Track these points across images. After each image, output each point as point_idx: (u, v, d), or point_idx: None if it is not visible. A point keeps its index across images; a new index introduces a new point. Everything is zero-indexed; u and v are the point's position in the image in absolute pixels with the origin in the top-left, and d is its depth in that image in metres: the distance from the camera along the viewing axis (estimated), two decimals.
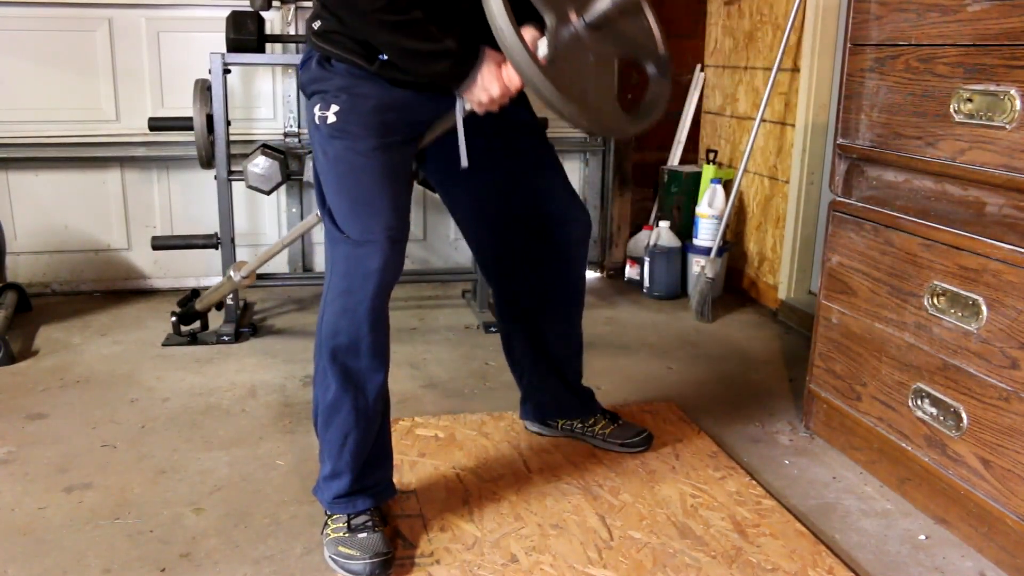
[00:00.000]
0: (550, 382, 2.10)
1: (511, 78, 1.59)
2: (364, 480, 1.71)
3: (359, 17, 1.54)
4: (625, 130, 1.67)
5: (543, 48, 1.54)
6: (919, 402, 1.86)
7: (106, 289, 3.42)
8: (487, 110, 1.64)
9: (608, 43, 1.62)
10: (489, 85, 1.59)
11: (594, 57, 1.59)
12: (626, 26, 1.67)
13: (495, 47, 1.49)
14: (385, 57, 1.62)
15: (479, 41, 1.58)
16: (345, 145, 1.63)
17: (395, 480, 1.92)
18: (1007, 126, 1.61)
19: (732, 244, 3.52)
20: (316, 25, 1.67)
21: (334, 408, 1.67)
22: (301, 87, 1.74)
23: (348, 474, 1.69)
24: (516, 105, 1.81)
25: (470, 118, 1.69)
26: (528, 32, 1.55)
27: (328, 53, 1.65)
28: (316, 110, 1.65)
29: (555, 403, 2.13)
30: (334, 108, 1.63)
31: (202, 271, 3.48)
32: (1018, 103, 1.58)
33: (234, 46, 2.87)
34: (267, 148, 2.94)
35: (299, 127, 3.39)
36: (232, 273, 2.63)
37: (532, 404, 2.15)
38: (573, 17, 1.56)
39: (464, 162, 1.69)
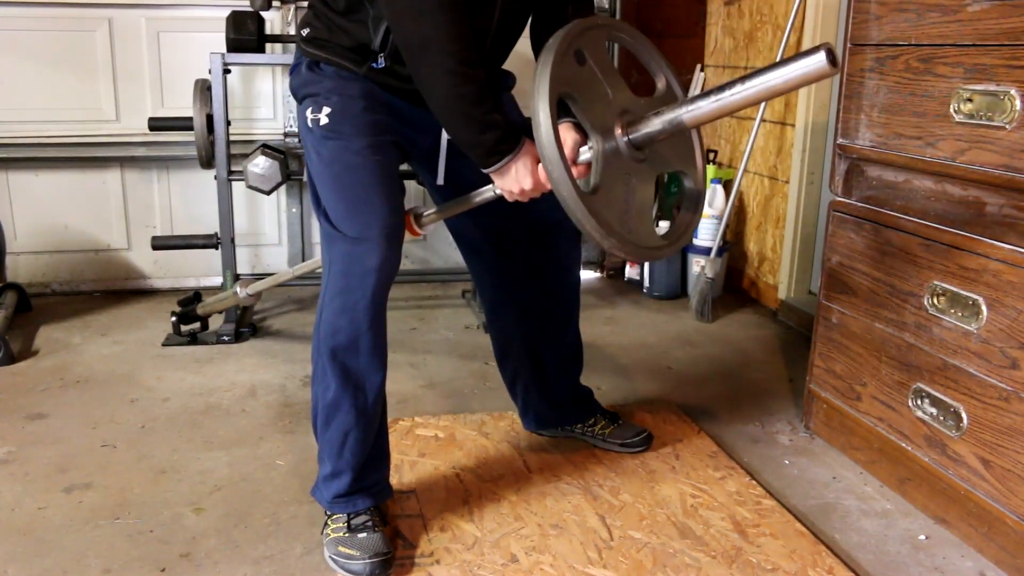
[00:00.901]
0: (548, 396, 2.09)
1: (546, 180, 1.54)
2: (364, 479, 1.71)
3: (424, 60, 1.49)
4: (659, 255, 1.61)
5: (585, 155, 1.51)
6: (919, 402, 1.86)
7: (106, 289, 3.43)
8: (515, 200, 1.62)
9: (650, 162, 1.56)
10: (522, 178, 1.57)
11: (636, 180, 1.54)
12: (668, 145, 1.61)
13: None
14: (379, 64, 1.62)
15: (520, 129, 1.56)
16: (339, 145, 1.63)
17: (395, 480, 1.93)
18: (1007, 126, 1.61)
19: (732, 244, 3.52)
20: (305, 32, 1.70)
21: (334, 407, 1.67)
22: (292, 91, 1.75)
23: (348, 473, 1.69)
24: (508, 107, 1.82)
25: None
26: (569, 134, 1.52)
27: (317, 57, 1.67)
28: (308, 113, 1.66)
29: (555, 415, 2.13)
30: (326, 110, 1.64)
31: (202, 271, 3.48)
32: (1018, 103, 1.58)
33: (234, 46, 2.88)
34: (267, 148, 2.94)
35: (298, 130, 3.38)
36: (238, 289, 2.63)
37: (533, 415, 2.15)
38: (618, 132, 1.51)
39: (440, 180, 1.75)
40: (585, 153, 1.52)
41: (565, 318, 2.04)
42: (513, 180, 1.58)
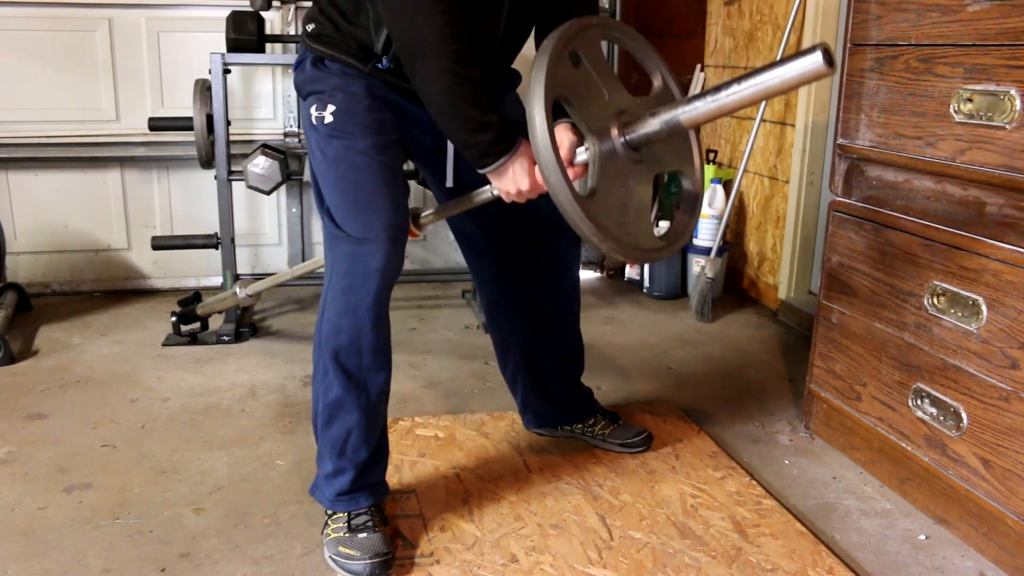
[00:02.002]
0: (548, 395, 2.10)
1: (544, 183, 1.53)
2: (365, 477, 1.71)
3: (420, 60, 1.49)
4: (657, 257, 1.60)
5: (582, 156, 1.51)
6: (919, 402, 1.86)
7: (106, 289, 3.43)
8: (513, 201, 1.62)
9: (647, 163, 1.56)
10: (519, 179, 1.57)
11: (633, 181, 1.54)
12: (666, 146, 1.61)
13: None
14: (383, 64, 1.62)
15: (515, 129, 1.56)
16: (344, 145, 1.63)
17: (395, 480, 1.94)
18: (1007, 126, 1.61)
19: (732, 244, 3.52)
20: (310, 28, 1.69)
21: (336, 406, 1.67)
22: (296, 88, 1.74)
23: (350, 471, 1.69)
24: (510, 106, 1.82)
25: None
26: (566, 135, 1.52)
27: (322, 54, 1.66)
28: (312, 110, 1.66)
29: (554, 414, 2.13)
30: (331, 108, 1.63)
31: (202, 271, 3.48)
32: (1018, 103, 1.58)
33: (234, 46, 2.88)
34: (267, 148, 2.94)
35: (299, 127, 3.39)
36: (237, 290, 2.63)
37: (532, 413, 2.15)
38: (614, 132, 1.51)
39: (450, 182, 1.75)
40: (582, 155, 1.52)
41: (564, 318, 2.04)
42: (510, 181, 1.58)
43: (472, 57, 1.50)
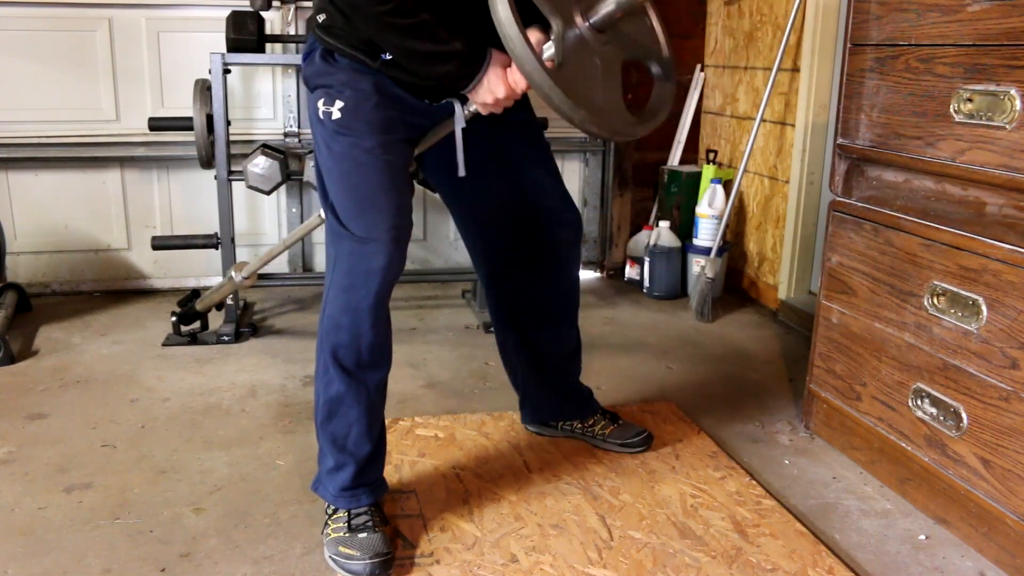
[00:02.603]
0: (547, 386, 2.10)
1: (517, 81, 1.59)
2: (366, 474, 1.72)
3: (364, 19, 1.54)
4: (632, 133, 1.67)
5: (549, 51, 1.53)
6: (919, 402, 1.86)
7: (106, 289, 3.42)
8: (491, 111, 1.65)
9: (613, 45, 1.62)
10: (495, 87, 1.60)
11: (600, 60, 1.59)
12: (630, 28, 1.66)
13: (501, 48, 1.49)
14: (389, 56, 1.62)
15: (485, 43, 1.58)
16: (350, 142, 1.63)
17: (395, 480, 1.94)
18: (1007, 126, 1.61)
19: (732, 244, 3.52)
20: (321, 19, 1.67)
21: (337, 402, 1.68)
22: (304, 80, 1.74)
23: (352, 466, 1.70)
24: (515, 103, 1.82)
25: (468, 120, 1.69)
26: (533, 35, 1.55)
27: (332, 47, 1.66)
28: (320, 104, 1.65)
29: (553, 406, 2.13)
30: (339, 104, 1.63)
31: (202, 271, 3.48)
32: (1018, 103, 1.58)
33: (234, 46, 2.88)
34: (267, 148, 2.94)
35: (299, 127, 3.39)
36: (233, 274, 2.63)
37: (531, 407, 2.15)
38: (578, 20, 1.56)
39: (462, 171, 1.75)
40: (549, 49, 1.54)
41: (564, 315, 2.04)
42: (486, 91, 1.61)
43: (412, 5, 1.52)
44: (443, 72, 1.58)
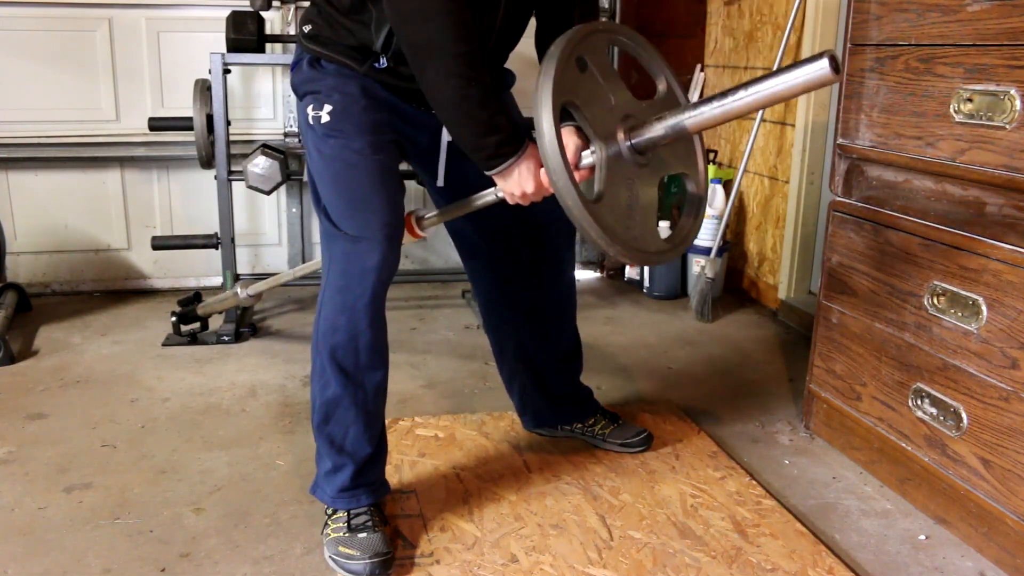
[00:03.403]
0: (547, 393, 2.10)
1: (549, 186, 1.54)
2: (364, 475, 1.72)
3: (436, 58, 1.49)
4: (660, 260, 1.62)
5: (588, 159, 1.51)
6: (919, 402, 1.86)
7: (106, 289, 3.42)
8: (517, 203, 1.63)
9: (652, 167, 1.58)
10: (525, 181, 1.58)
11: (639, 184, 1.55)
12: (670, 149, 1.62)
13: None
14: (381, 64, 1.62)
15: (522, 132, 1.56)
16: (340, 144, 1.63)
17: (395, 480, 1.93)
18: (1007, 126, 1.61)
19: (732, 244, 3.52)
20: (307, 29, 1.70)
21: (334, 404, 1.68)
22: (293, 88, 1.75)
23: (350, 467, 1.70)
24: (507, 107, 1.82)
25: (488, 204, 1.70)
26: (571, 139, 1.53)
27: (318, 54, 1.67)
28: (309, 110, 1.66)
29: (554, 412, 2.13)
30: (327, 108, 1.64)
31: (202, 271, 3.48)
32: (1018, 103, 1.58)
33: (234, 46, 2.88)
34: (267, 148, 2.94)
35: (299, 127, 3.38)
36: (239, 290, 2.63)
37: (531, 414, 2.15)
38: (620, 136, 1.52)
39: (440, 182, 1.76)
40: (588, 158, 1.53)
41: (560, 317, 2.04)
42: (516, 183, 1.58)
43: (481, 59, 1.51)
44: (483, 143, 1.54)
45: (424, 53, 1.50)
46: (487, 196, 1.69)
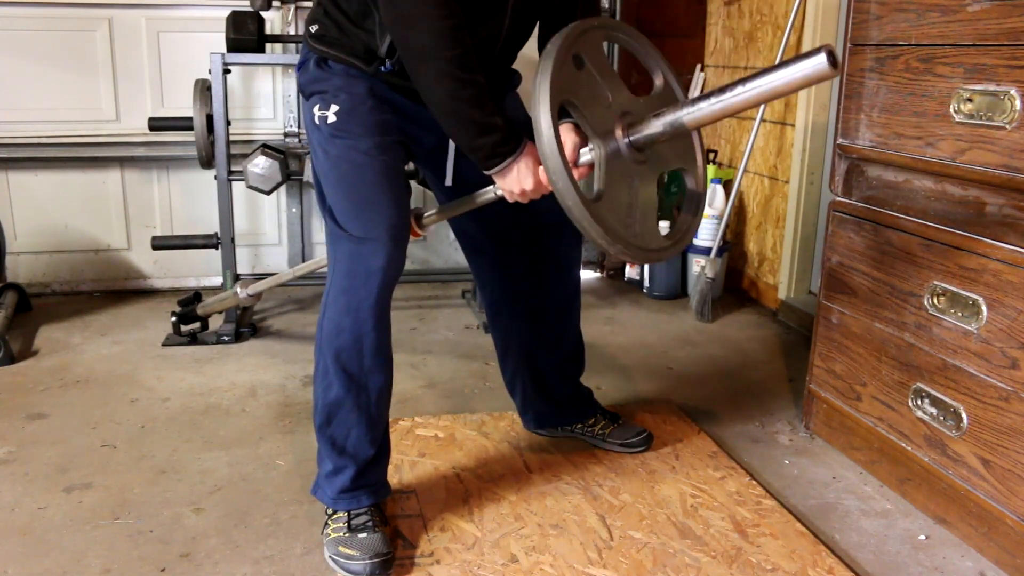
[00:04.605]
0: (549, 395, 2.10)
1: (547, 183, 1.54)
2: (366, 476, 1.72)
3: (426, 62, 1.50)
4: (660, 257, 1.62)
5: (586, 156, 1.51)
6: (919, 402, 1.86)
7: (106, 289, 3.43)
8: (516, 200, 1.63)
9: (650, 163, 1.57)
10: (524, 179, 1.58)
11: (638, 181, 1.55)
12: (669, 146, 1.62)
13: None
14: (387, 67, 1.63)
15: (520, 129, 1.56)
16: (347, 144, 1.63)
17: (395, 480, 1.93)
18: (1007, 126, 1.61)
19: (732, 244, 3.52)
20: (313, 29, 1.69)
21: (336, 405, 1.68)
22: (299, 88, 1.74)
23: (351, 468, 1.70)
24: (510, 107, 1.82)
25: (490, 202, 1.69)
26: (569, 136, 1.53)
27: (325, 55, 1.67)
28: (316, 110, 1.66)
29: (555, 414, 2.13)
30: (334, 108, 1.64)
31: (202, 271, 3.48)
32: (1018, 103, 1.58)
33: (234, 46, 2.88)
34: (267, 148, 2.94)
35: (299, 127, 3.39)
36: (238, 289, 2.62)
37: (532, 414, 2.15)
38: (619, 133, 1.52)
39: (448, 181, 1.76)
40: (586, 155, 1.53)
41: (565, 318, 2.04)
42: (514, 181, 1.58)
43: (475, 62, 1.51)
44: (479, 143, 1.54)
45: (418, 56, 1.50)
46: (486, 194, 1.69)
